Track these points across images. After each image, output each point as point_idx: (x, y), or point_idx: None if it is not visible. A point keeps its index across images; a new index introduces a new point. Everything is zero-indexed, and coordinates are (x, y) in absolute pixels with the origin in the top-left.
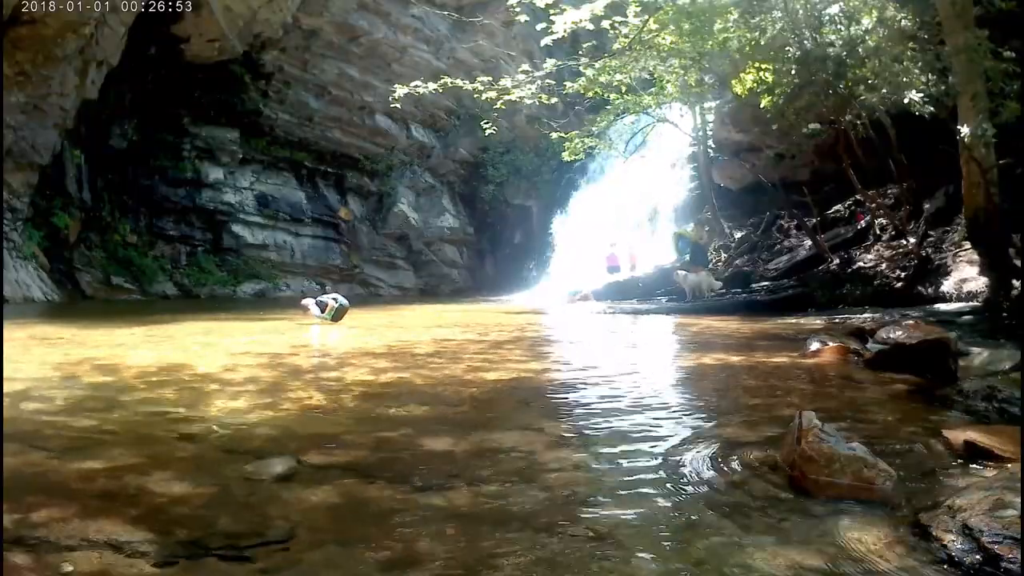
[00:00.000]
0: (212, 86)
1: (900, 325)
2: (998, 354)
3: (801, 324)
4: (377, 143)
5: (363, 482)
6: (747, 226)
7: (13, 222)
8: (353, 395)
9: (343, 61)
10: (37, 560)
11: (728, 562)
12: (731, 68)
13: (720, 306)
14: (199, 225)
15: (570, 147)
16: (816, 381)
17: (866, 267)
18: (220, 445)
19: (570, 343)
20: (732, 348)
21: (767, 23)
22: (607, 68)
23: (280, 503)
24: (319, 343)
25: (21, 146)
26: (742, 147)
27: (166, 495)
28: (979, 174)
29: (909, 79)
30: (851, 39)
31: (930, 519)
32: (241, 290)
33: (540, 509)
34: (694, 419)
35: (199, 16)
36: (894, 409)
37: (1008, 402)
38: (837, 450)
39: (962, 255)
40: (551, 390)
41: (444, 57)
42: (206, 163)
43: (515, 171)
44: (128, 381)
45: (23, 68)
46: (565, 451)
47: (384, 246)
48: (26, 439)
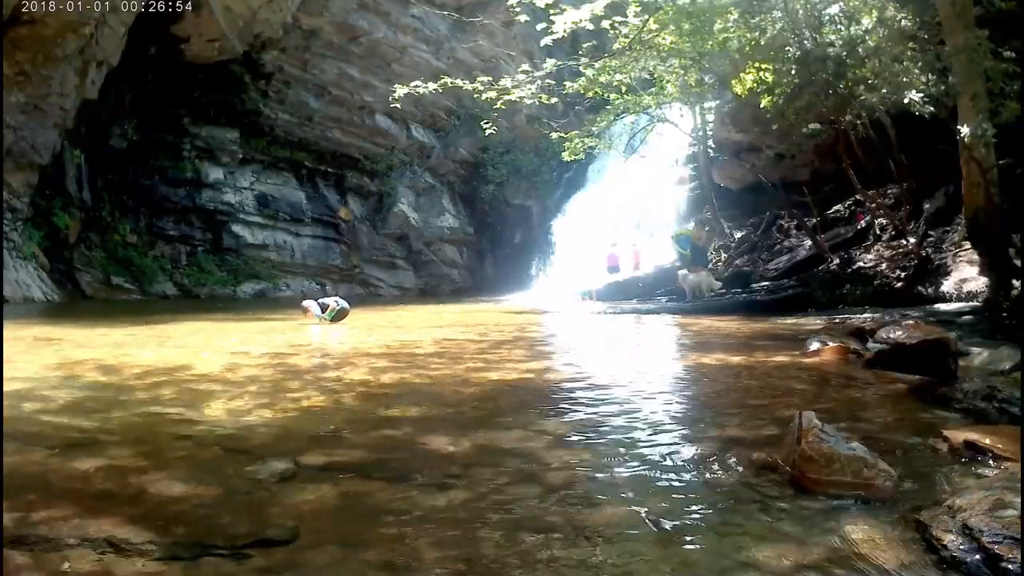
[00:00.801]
0: (212, 86)
1: (900, 325)
2: (998, 354)
3: (801, 324)
4: (377, 143)
5: (363, 482)
6: (747, 226)
7: (13, 222)
8: (353, 395)
9: (343, 61)
10: (37, 560)
11: (728, 562)
12: (731, 68)
13: (720, 306)
14: (199, 225)
15: (570, 147)
16: (816, 381)
17: (866, 267)
18: (220, 445)
19: (570, 343)
20: (732, 348)
21: (767, 23)
22: (607, 68)
23: (280, 503)
24: (319, 343)
25: (21, 146)
26: (742, 147)
27: (166, 495)
28: (979, 174)
29: (909, 79)
30: (851, 39)
31: (930, 519)
32: (241, 290)
33: (541, 509)
34: (694, 419)
35: (199, 16)
36: (894, 409)
37: (1008, 402)
38: (837, 450)
39: (962, 255)
40: (551, 390)
41: (444, 57)
42: (206, 163)
43: (515, 171)
44: (128, 381)
45: (23, 68)
46: (565, 451)
47: (384, 246)
48: (26, 439)
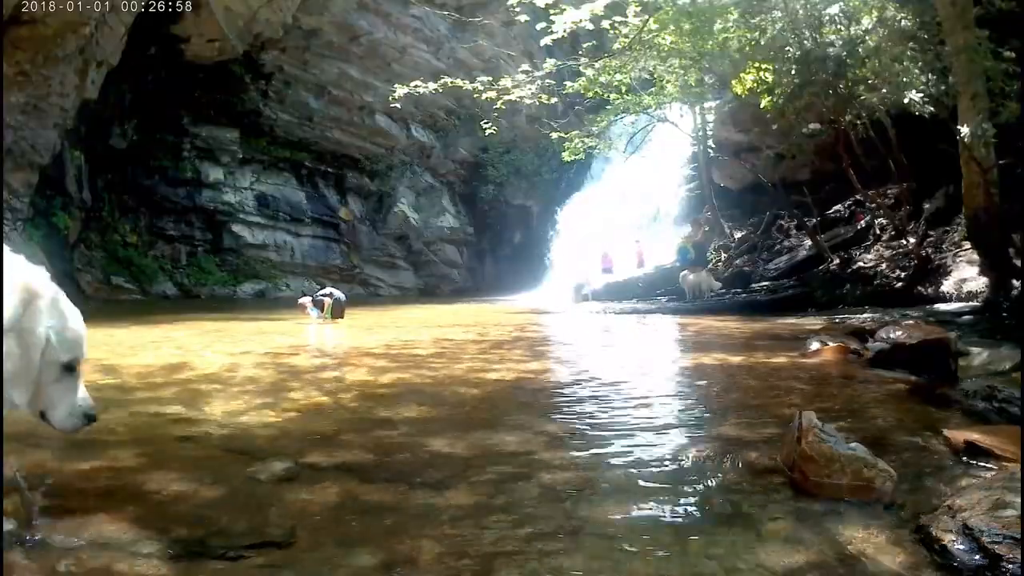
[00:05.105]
0: (212, 86)
1: (900, 325)
2: (998, 354)
3: (801, 324)
4: (377, 143)
5: (363, 482)
6: (747, 226)
7: (13, 222)
8: (353, 395)
9: (343, 61)
10: (38, 559)
11: (728, 562)
12: (731, 68)
13: (720, 306)
14: (199, 225)
15: (570, 147)
16: (816, 381)
17: (866, 267)
18: (220, 445)
19: (570, 343)
20: (732, 348)
21: (767, 23)
22: (607, 68)
23: (280, 503)
24: (319, 343)
25: (21, 146)
26: (742, 147)
27: (166, 495)
28: (979, 174)
29: (909, 79)
30: (851, 39)
31: (930, 519)
32: (241, 290)
33: (540, 509)
34: (694, 419)
35: (199, 16)
36: (894, 409)
37: (1008, 402)
38: (837, 450)
39: (962, 255)
40: (551, 390)
41: (444, 57)
42: (206, 163)
43: (515, 171)
44: (128, 381)
45: (23, 68)
46: (565, 451)
47: (384, 246)
48: (26, 439)
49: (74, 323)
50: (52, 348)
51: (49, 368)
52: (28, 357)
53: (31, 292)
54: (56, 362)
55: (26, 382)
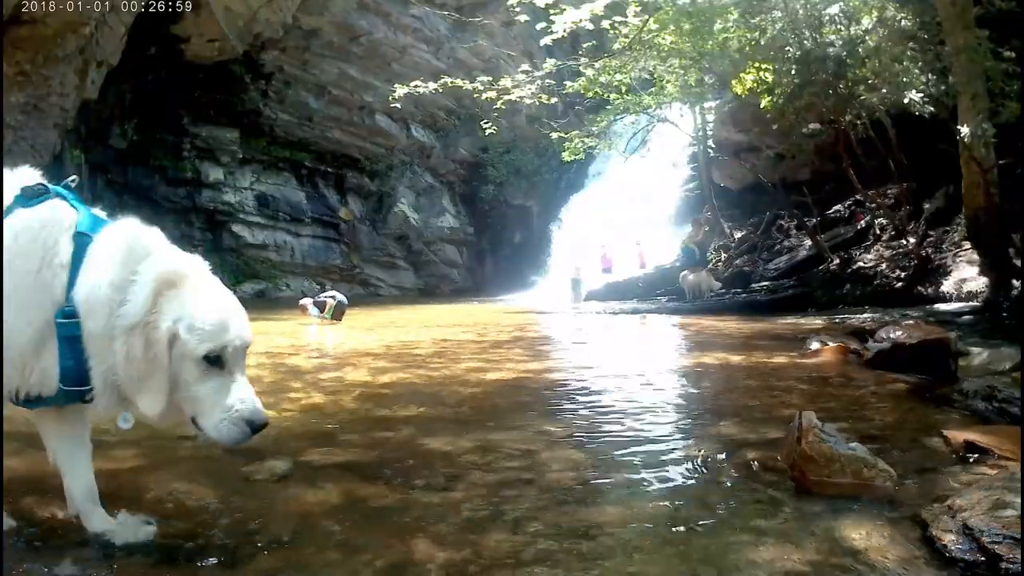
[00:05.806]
0: (212, 86)
1: (900, 325)
2: (998, 354)
3: (801, 324)
4: (377, 143)
5: (363, 482)
6: (747, 226)
7: None
8: (353, 395)
9: (343, 61)
10: (38, 559)
11: (729, 561)
12: (731, 68)
13: (720, 306)
14: (199, 225)
15: (570, 147)
16: (816, 381)
17: (866, 267)
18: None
19: (569, 343)
20: (732, 348)
21: (767, 23)
22: (607, 68)
23: (280, 503)
24: (319, 343)
25: (21, 146)
26: (742, 147)
27: (166, 495)
28: (979, 174)
29: (909, 79)
30: (851, 39)
31: (930, 519)
32: (241, 290)
33: (540, 509)
34: (694, 419)
35: (199, 16)
36: (894, 409)
37: (1008, 402)
38: (837, 450)
39: (962, 255)
40: (550, 390)
41: (444, 57)
42: (206, 163)
43: (515, 171)
44: None
45: (23, 68)
46: (564, 451)
47: (384, 246)
48: (26, 439)
49: (213, 305)
50: (181, 341)
51: (185, 365)
52: (152, 354)
53: (164, 280)
54: (191, 356)
55: (155, 386)
